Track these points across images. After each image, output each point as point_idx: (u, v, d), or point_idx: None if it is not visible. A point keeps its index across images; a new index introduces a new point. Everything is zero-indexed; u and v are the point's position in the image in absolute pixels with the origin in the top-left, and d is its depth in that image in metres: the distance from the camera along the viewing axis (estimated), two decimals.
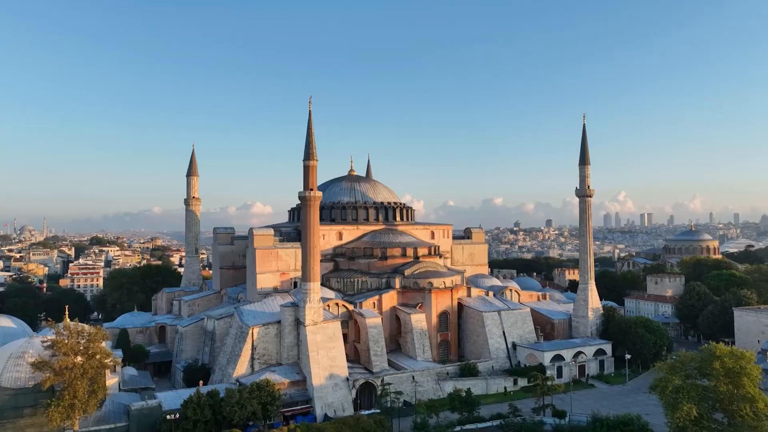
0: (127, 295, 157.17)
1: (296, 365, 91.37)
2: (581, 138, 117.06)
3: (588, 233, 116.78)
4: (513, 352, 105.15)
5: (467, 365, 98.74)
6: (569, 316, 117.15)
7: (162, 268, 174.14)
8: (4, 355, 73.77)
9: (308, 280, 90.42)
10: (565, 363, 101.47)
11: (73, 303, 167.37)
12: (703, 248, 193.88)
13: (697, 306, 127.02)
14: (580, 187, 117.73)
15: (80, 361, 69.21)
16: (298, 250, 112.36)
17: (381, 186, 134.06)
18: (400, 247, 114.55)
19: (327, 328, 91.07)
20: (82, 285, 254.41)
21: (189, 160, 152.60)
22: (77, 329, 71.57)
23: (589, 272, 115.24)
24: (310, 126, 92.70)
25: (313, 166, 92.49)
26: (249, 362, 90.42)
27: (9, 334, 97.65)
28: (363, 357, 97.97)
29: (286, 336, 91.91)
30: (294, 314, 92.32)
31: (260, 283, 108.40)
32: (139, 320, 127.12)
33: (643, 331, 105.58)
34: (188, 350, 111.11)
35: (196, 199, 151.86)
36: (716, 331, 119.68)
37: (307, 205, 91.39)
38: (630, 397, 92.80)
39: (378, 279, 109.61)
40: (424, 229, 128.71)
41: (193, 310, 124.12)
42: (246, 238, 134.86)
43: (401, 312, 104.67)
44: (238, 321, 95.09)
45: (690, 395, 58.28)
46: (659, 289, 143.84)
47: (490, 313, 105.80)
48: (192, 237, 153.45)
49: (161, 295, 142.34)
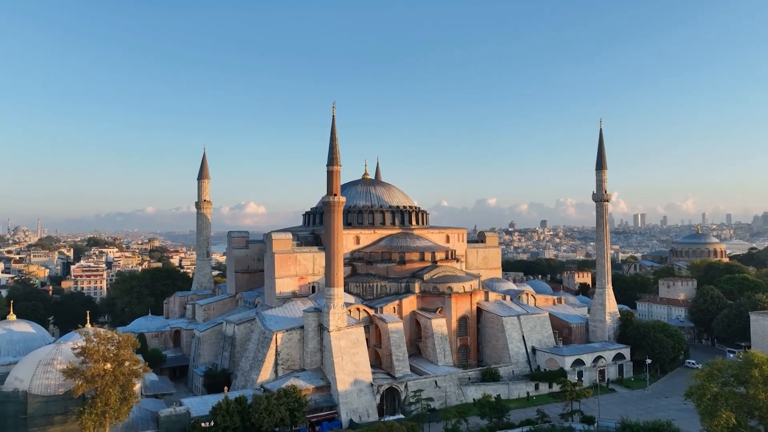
0: (137, 298, 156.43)
1: (319, 371, 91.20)
2: (598, 143, 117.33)
3: (605, 238, 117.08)
4: (533, 356, 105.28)
5: (489, 370, 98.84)
6: (586, 320, 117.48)
7: (171, 271, 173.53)
8: (32, 361, 73.34)
9: (332, 286, 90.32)
10: (585, 367, 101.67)
11: (81, 306, 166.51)
12: (710, 251, 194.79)
13: (711, 310, 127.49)
14: (597, 192, 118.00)
15: (111, 368, 68.89)
16: (317, 255, 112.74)
17: (396, 189, 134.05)
18: (418, 252, 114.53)
19: (351, 334, 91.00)
20: (86, 287, 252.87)
21: (200, 163, 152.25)
22: (107, 335, 71.16)
23: (606, 276, 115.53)
24: (334, 131, 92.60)
25: (337, 171, 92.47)
26: (273, 368, 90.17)
27: (29, 339, 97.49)
28: (385, 362, 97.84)
29: (309, 341, 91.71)
30: (317, 320, 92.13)
31: (279, 288, 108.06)
32: (154, 324, 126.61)
33: (661, 336, 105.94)
34: (206, 355, 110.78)
35: (207, 202, 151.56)
36: (731, 335, 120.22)
37: (331, 210, 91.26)
38: (652, 401, 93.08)
39: (397, 283, 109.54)
40: (439, 233, 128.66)
41: (209, 314, 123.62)
42: (261, 242, 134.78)
43: (421, 317, 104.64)
44: (261, 326, 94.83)
45: (728, 403, 58.52)
46: (671, 293, 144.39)
47: (509, 317, 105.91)
48: (203, 240, 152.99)
49: (174, 299, 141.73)
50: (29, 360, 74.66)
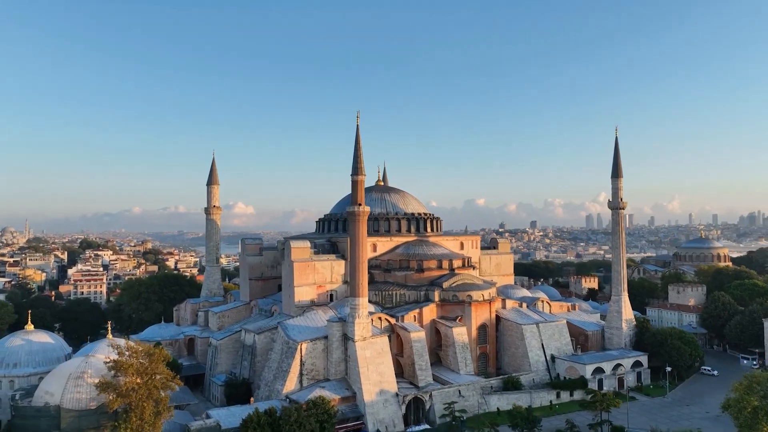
0: (144, 304, 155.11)
1: (344, 381, 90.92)
2: (614, 151, 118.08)
3: (621, 246, 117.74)
4: (552, 364, 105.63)
5: (510, 378, 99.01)
6: (602, 327, 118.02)
7: (178, 277, 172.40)
8: (62, 375, 72.63)
9: (357, 296, 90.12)
10: (605, 375, 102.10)
11: (88, 313, 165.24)
12: (714, 256, 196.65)
13: (723, 316, 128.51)
14: (612, 200, 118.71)
15: (143, 381, 68.29)
16: (335, 263, 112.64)
17: (410, 196, 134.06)
18: (435, 260, 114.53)
19: (375, 344, 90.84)
20: (86, 292, 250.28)
21: (209, 169, 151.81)
22: (139, 348, 70.56)
23: (622, 284, 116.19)
24: (358, 140, 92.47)
25: (362, 180, 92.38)
26: (298, 378, 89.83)
27: (48, 350, 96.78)
28: (407, 371, 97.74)
29: (333, 351, 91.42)
30: (341, 329, 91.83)
31: (298, 296, 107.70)
32: (168, 332, 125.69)
33: (679, 343, 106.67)
34: (223, 364, 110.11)
35: (217, 208, 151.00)
36: (744, 342, 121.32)
37: (356, 219, 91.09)
38: (674, 409, 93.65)
39: (416, 292, 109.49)
40: (453, 239, 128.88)
41: (223, 322, 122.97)
42: (274, 249, 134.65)
43: (441, 325, 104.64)
44: (284, 336, 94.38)
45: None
46: (681, 299, 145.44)
47: (529, 325, 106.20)
48: (213, 246, 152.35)
49: (185, 306, 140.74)
50: (58, 373, 73.92)
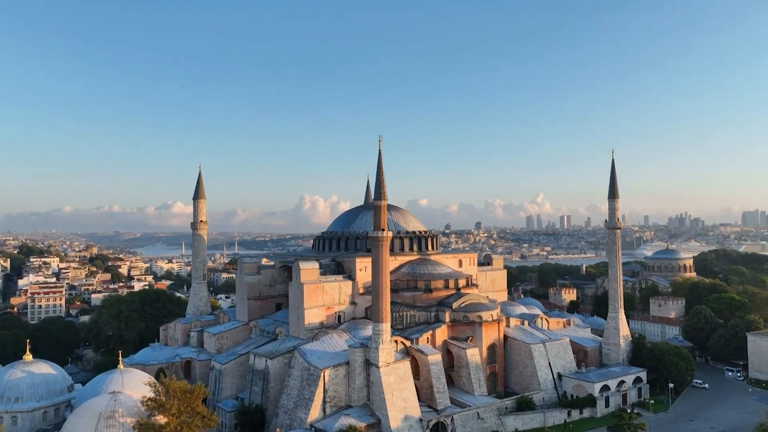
0: (125, 323, 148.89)
1: (366, 407, 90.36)
2: (610, 173, 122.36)
3: (617, 264, 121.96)
4: (559, 382, 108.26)
5: (524, 399, 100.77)
6: (599, 343, 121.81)
7: (160, 293, 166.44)
8: (91, 415, 69.37)
9: (380, 321, 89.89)
10: (611, 392, 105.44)
11: (62, 333, 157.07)
12: (681, 266, 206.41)
13: (706, 329, 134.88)
14: (609, 220, 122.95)
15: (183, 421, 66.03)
16: (342, 283, 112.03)
17: (409, 214, 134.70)
18: (442, 279, 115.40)
19: (398, 369, 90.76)
20: (44, 305, 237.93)
21: (195, 182, 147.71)
22: (179, 386, 68.07)
23: (619, 301, 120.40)
24: (380, 165, 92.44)
25: (384, 205, 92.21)
26: (321, 406, 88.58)
27: (50, 382, 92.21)
28: (424, 394, 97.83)
29: (356, 377, 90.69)
30: (364, 355, 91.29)
31: (308, 319, 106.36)
32: (163, 355, 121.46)
33: (676, 359, 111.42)
34: (228, 389, 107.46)
35: (204, 223, 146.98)
36: (728, 354, 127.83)
37: (380, 245, 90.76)
38: (681, 425, 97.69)
39: (426, 312, 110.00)
40: (453, 257, 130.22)
41: (222, 343, 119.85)
42: (272, 268, 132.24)
43: (454, 347, 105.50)
44: (303, 362, 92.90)
45: None
46: (663, 311, 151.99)
47: (536, 345, 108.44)
48: (200, 262, 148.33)
49: (175, 326, 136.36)
50: (85, 413, 70.59)
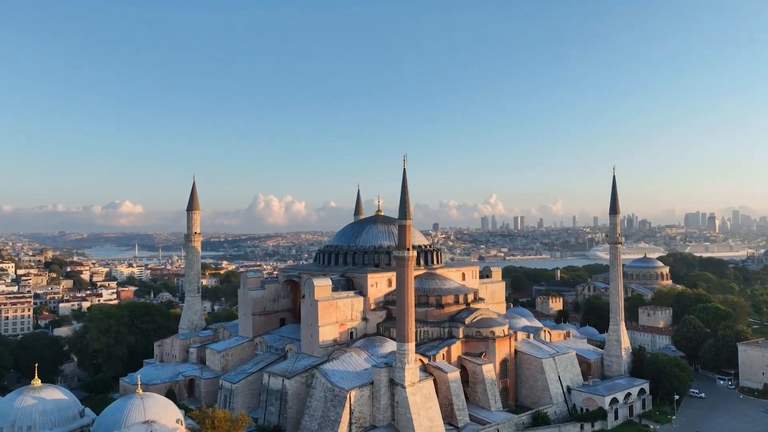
0: (115, 338, 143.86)
1: (391, 426, 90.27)
2: (611, 189, 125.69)
3: (619, 278, 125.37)
4: (568, 395, 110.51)
5: (539, 413, 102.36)
6: (600, 355, 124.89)
7: (150, 307, 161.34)
8: None
9: (405, 341, 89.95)
10: (619, 405, 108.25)
11: (47, 349, 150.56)
12: (658, 275, 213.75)
13: (695, 339, 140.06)
14: (610, 235, 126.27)
15: None
16: (354, 300, 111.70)
17: (414, 228, 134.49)
18: (452, 294, 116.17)
19: (423, 388, 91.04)
20: (11, 317, 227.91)
21: (189, 193, 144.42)
22: (224, 416, 66.45)
23: (620, 314, 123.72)
24: (405, 185, 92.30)
25: (409, 225, 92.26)
26: (347, 428, 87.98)
27: (63, 408, 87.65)
28: (443, 411, 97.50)
29: (381, 398, 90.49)
30: (388, 375, 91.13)
31: (322, 336, 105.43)
32: (166, 373, 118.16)
33: (677, 371, 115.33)
34: (239, 408, 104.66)
35: (198, 234, 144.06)
36: (719, 364, 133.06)
37: (405, 265, 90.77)
38: None
39: (439, 328, 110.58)
40: (457, 271, 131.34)
41: (228, 361, 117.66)
42: (276, 282, 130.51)
43: (469, 362, 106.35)
44: (326, 382, 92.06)
45: None
46: (652, 321, 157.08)
47: (547, 359, 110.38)
48: (194, 275, 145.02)
49: (172, 342, 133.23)
50: None
